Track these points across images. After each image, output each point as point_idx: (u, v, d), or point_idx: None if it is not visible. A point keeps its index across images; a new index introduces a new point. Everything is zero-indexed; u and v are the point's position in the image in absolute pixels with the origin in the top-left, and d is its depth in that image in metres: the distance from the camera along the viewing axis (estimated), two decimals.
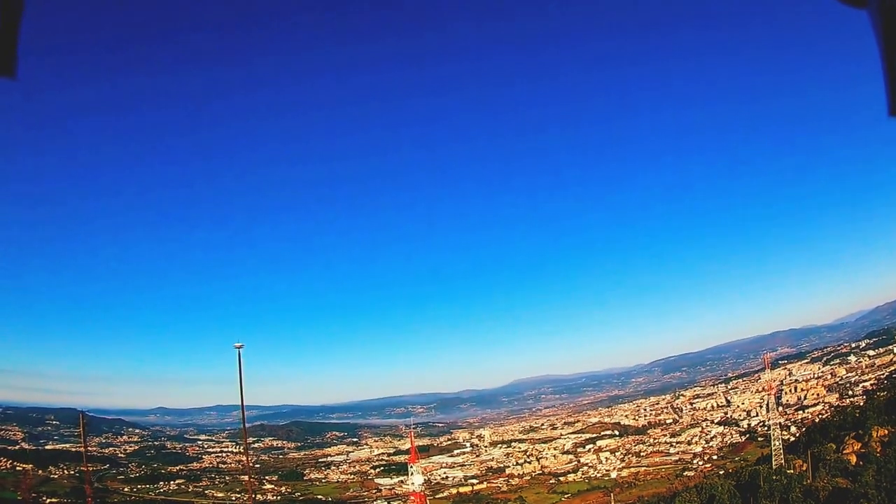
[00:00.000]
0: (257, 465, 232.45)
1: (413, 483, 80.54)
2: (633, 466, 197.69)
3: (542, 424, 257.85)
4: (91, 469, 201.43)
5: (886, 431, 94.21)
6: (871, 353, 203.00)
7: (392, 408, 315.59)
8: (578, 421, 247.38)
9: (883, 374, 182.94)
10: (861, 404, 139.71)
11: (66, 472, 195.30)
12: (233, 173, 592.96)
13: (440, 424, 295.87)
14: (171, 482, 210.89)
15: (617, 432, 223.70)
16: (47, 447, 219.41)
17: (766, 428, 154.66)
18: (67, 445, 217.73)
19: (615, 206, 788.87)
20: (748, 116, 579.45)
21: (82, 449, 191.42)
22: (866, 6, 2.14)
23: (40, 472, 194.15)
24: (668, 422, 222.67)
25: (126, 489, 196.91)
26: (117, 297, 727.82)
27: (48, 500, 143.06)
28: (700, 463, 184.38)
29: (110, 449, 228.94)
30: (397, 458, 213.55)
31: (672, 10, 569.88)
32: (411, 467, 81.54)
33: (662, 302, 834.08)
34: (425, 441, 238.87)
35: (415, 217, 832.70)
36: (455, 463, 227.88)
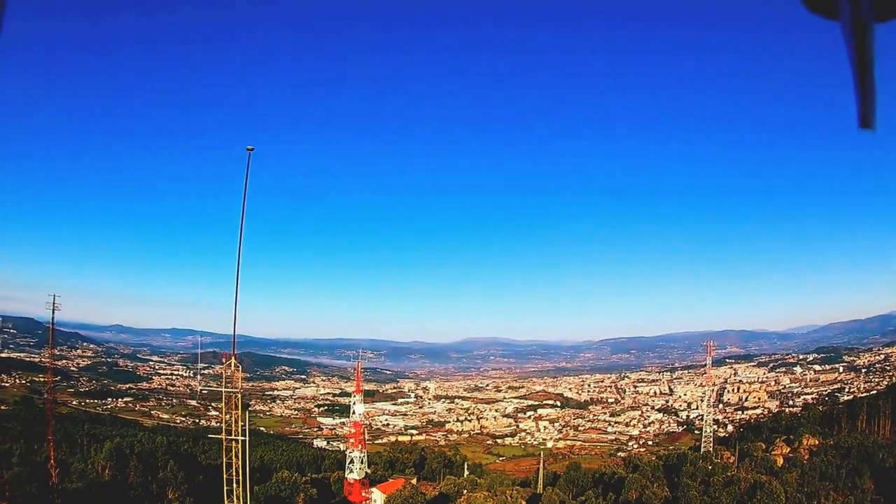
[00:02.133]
0: (205, 391, 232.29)
1: (354, 412, 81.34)
2: (570, 439, 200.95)
3: (488, 385, 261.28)
4: (42, 380, 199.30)
5: (817, 442, 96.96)
6: (817, 367, 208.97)
7: (343, 349, 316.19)
8: (523, 387, 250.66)
9: (825, 391, 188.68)
10: (797, 413, 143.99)
11: (17, 381, 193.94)
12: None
13: (388, 372, 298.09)
14: (120, 399, 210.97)
15: (559, 403, 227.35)
16: (2, 355, 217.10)
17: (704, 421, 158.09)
18: (22, 355, 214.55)
19: (592, 179, 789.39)
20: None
21: (38, 360, 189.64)
22: (838, 19, 2.08)
23: None
24: (609, 400, 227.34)
25: (74, 402, 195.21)
26: (84, 207, 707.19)
27: None
28: (635, 445, 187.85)
29: (63, 361, 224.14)
30: (342, 400, 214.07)
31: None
32: (354, 396, 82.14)
33: (620, 282, 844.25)
34: (371, 386, 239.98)
35: (388, 162, 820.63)
36: (398, 411, 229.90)
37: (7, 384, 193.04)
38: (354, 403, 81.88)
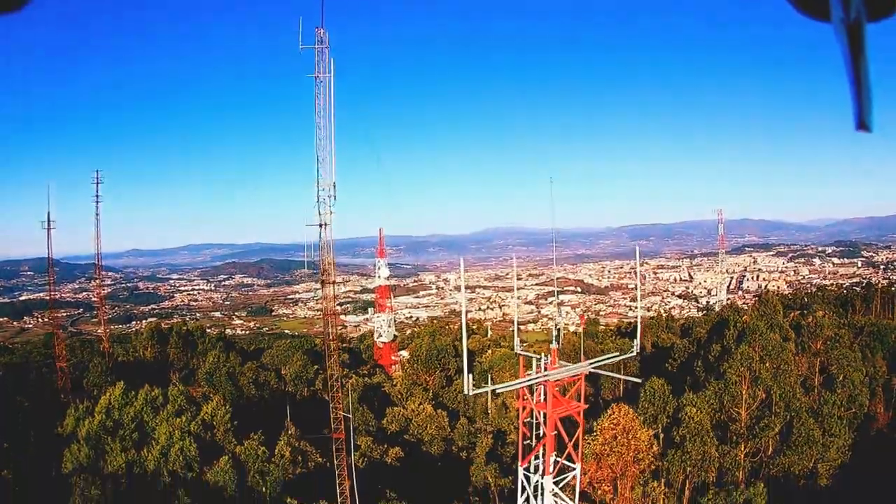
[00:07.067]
0: (227, 302, 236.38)
1: (379, 276, 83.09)
2: (591, 324, 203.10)
3: (508, 273, 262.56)
4: (64, 315, 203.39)
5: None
6: (836, 260, 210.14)
7: (361, 247, 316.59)
8: (543, 273, 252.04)
9: (844, 284, 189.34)
10: (812, 292, 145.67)
11: (39, 320, 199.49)
12: None
13: (407, 266, 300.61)
14: (143, 321, 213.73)
15: (579, 289, 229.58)
16: (21, 298, 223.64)
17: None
18: (41, 295, 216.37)
19: (613, 56, 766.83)
20: None
21: (59, 296, 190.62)
22: (829, 20, 2.04)
23: (15, 323, 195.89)
24: (630, 286, 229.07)
25: (99, 331, 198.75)
26: (85, 136, 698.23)
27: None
28: None
29: (84, 294, 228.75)
30: (364, 297, 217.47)
31: None
32: (379, 261, 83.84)
33: (639, 168, 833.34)
34: (392, 281, 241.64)
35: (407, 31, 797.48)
36: (420, 304, 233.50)
37: (31, 325, 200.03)
38: (379, 268, 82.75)
